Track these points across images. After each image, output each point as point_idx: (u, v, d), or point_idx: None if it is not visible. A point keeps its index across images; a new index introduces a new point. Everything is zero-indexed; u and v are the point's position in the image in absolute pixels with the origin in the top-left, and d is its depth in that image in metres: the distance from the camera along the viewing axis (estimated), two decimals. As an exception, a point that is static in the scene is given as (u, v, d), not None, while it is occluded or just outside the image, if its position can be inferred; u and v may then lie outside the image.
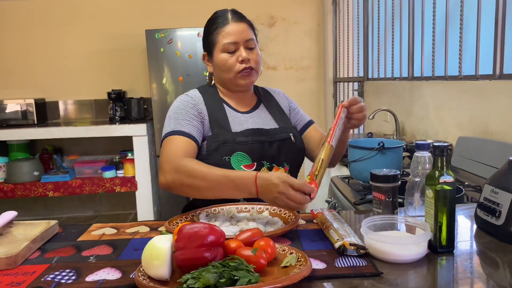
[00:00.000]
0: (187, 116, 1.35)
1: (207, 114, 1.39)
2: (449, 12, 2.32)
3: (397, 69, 3.02)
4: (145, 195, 3.90)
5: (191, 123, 1.34)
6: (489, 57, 1.96)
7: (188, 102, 1.40)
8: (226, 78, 1.41)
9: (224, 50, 1.37)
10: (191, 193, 1.25)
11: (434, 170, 0.96)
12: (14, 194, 3.76)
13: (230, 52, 1.37)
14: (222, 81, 1.45)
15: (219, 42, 1.38)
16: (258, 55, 1.42)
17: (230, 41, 1.36)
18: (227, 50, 1.37)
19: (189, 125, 1.33)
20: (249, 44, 1.38)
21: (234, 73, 1.38)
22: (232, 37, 1.36)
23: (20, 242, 1.06)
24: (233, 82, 1.41)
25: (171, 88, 3.84)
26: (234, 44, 1.36)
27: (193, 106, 1.39)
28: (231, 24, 1.37)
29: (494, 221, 1.03)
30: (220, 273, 0.79)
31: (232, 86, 1.43)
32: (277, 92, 1.61)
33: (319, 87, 4.58)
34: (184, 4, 4.20)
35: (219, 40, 1.37)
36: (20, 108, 3.92)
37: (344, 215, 1.29)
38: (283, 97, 1.60)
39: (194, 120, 1.36)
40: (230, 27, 1.37)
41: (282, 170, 1.40)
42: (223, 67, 1.39)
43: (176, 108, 1.39)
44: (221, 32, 1.37)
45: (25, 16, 4.19)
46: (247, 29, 1.40)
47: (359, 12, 3.78)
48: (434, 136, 2.40)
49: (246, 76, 1.39)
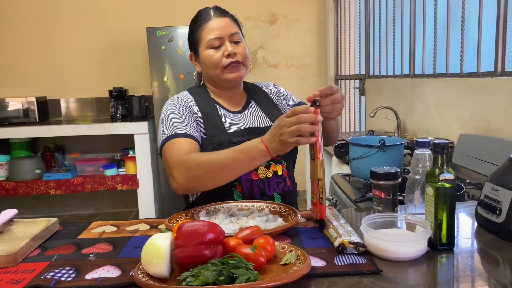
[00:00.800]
0: (181, 117, 1.32)
1: (200, 115, 1.36)
2: (450, 9, 2.31)
3: (398, 66, 3.01)
4: (146, 193, 3.91)
5: (187, 123, 1.31)
6: (491, 54, 1.96)
7: (180, 104, 1.36)
8: (214, 74, 1.38)
9: (209, 46, 1.34)
10: (209, 183, 1.20)
11: (434, 168, 0.96)
12: (16, 192, 3.77)
13: (215, 48, 1.34)
14: (210, 78, 1.42)
15: (203, 39, 1.35)
16: (245, 48, 1.38)
17: (214, 37, 1.33)
18: (212, 45, 1.34)
19: (186, 125, 1.31)
20: (234, 38, 1.36)
21: (220, 69, 1.35)
22: (216, 32, 1.34)
23: (20, 240, 1.06)
24: (221, 78, 1.37)
25: (173, 86, 3.84)
26: (218, 39, 1.34)
27: (185, 107, 1.36)
28: (214, 20, 1.35)
29: (494, 219, 1.03)
30: (219, 271, 0.79)
31: (221, 82, 1.40)
32: (266, 84, 1.58)
33: (320, 84, 4.57)
34: (185, 1, 4.19)
35: (203, 36, 1.35)
36: (22, 106, 3.93)
37: (345, 213, 1.29)
38: (271, 88, 1.57)
39: (189, 120, 1.33)
40: (213, 23, 1.35)
41: (279, 167, 1.39)
42: (209, 63, 1.36)
43: (169, 111, 1.35)
44: (205, 29, 1.35)
45: (26, 14, 4.20)
46: (231, 23, 1.37)
47: (360, 9, 3.77)
48: (435, 133, 2.39)
49: (234, 69, 1.36)
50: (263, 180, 1.36)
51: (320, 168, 1.08)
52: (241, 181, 1.33)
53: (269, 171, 1.37)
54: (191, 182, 1.19)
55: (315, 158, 1.09)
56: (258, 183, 1.35)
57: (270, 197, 1.36)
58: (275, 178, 1.38)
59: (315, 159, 1.09)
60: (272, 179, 1.37)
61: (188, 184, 1.19)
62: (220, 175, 1.18)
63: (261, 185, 1.35)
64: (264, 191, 1.35)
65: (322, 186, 1.08)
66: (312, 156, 1.10)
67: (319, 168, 1.08)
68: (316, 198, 1.09)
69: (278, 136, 1.07)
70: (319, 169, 1.08)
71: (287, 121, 1.06)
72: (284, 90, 1.59)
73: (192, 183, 1.19)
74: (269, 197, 1.36)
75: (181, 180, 1.19)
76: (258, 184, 1.35)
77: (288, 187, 1.42)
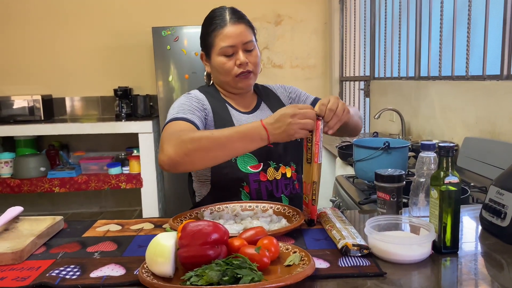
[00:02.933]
0: (191, 107, 1.31)
1: (211, 113, 1.37)
2: (456, 12, 2.31)
3: (403, 68, 3.00)
4: (150, 192, 3.92)
5: (194, 113, 1.29)
6: (497, 57, 1.95)
7: (193, 98, 1.37)
8: (224, 81, 1.39)
9: (221, 53, 1.33)
10: (199, 160, 1.12)
11: (439, 171, 0.96)
12: (21, 189, 3.79)
13: (228, 56, 1.33)
14: (220, 83, 1.43)
15: (216, 45, 1.34)
16: (257, 57, 1.38)
17: (228, 45, 1.32)
18: (225, 53, 1.33)
19: (193, 115, 1.29)
20: (247, 46, 1.34)
21: (232, 77, 1.36)
22: (230, 40, 1.32)
23: (25, 237, 1.07)
24: (231, 85, 1.39)
25: (177, 86, 3.85)
26: (232, 48, 1.32)
27: (198, 101, 1.36)
28: (229, 26, 1.32)
29: (499, 223, 1.02)
30: (224, 271, 0.79)
31: (230, 88, 1.41)
32: (276, 87, 1.57)
33: (325, 85, 4.57)
34: (191, 1, 4.21)
35: (217, 43, 1.34)
36: (27, 104, 3.94)
37: (349, 215, 1.29)
38: (281, 90, 1.56)
39: (198, 111, 1.32)
40: (228, 30, 1.32)
41: (289, 169, 1.39)
42: (221, 70, 1.36)
43: (181, 101, 1.35)
44: (219, 35, 1.33)
45: (32, 13, 4.22)
46: (246, 30, 1.35)
47: (366, 11, 3.76)
48: (440, 136, 2.39)
49: (244, 79, 1.36)
50: (271, 182, 1.36)
51: (316, 171, 1.10)
52: (249, 182, 1.33)
53: (277, 173, 1.37)
54: (180, 155, 1.10)
55: (312, 161, 1.11)
56: (266, 184, 1.35)
57: (277, 199, 1.36)
58: (284, 180, 1.38)
59: (311, 162, 1.11)
60: (281, 181, 1.37)
61: (177, 157, 1.10)
62: (212, 152, 1.10)
63: (269, 186, 1.35)
64: (272, 192, 1.35)
65: (316, 189, 1.11)
66: (308, 159, 1.12)
67: (315, 171, 1.10)
68: (308, 199, 1.14)
69: (285, 125, 1.06)
70: (315, 172, 1.10)
71: (301, 112, 1.05)
72: (296, 90, 1.57)
73: (181, 156, 1.10)
74: (277, 199, 1.36)
75: (170, 152, 1.11)
76: (266, 185, 1.35)
77: (296, 190, 1.42)
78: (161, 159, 1.13)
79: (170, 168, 1.13)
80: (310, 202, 1.12)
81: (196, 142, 1.10)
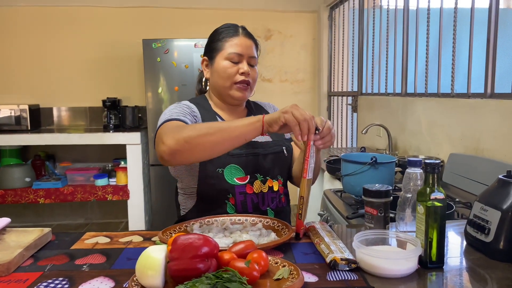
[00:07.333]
0: (183, 112, 1.34)
1: (201, 121, 1.39)
2: (442, 31, 2.37)
3: (390, 85, 3.06)
4: (137, 204, 3.89)
5: (186, 117, 1.33)
6: (481, 76, 2.00)
7: (184, 105, 1.40)
8: (222, 86, 1.41)
9: (228, 58, 1.39)
10: (199, 146, 1.14)
11: (426, 187, 0.98)
12: (5, 200, 3.73)
13: (233, 62, 1.39)
14: (217, 89, 1.44)
15: (225, 49, 1.39)
16: (256, 74, 1.45)
17: (237, 52, 1.38)
18: (231, 59, 1.38)
19: (185, 117, 1.32)
20: (251, 61, 1.41)
21: (231, 83, 1.39)
22: (240, 48, 1.39)
23: (13, 249, 1.06)
24: (228, 92, 1.41)
25: (166, 97, 3.85)
26: (239, 56, 1.38)
27: (189, 108, 1.39)
28: (241, 37, 1.41)
29: (483, 238, 1.05)
30: (214, 284, 0.79)
31: (226, 96, 1.43)
32: (268, 105, 1.61)
33: (313, 100, 4.62)
34: (182, 15, 4.24)
35: (226, 47, 1.39)
36: (14, 114, 3.91)
37: (336, 229, 1.30)
38: (272, 110, 1.60)
39: (189, 116, 1.35)
40: (239, 39, 1.40)
41: (276, 183, 1.41)
42: (223, 73, 1.39)
43: (172, 108, 1.38)
44: (230, 41, 1.40)
45: (21, 23, 4.20)
46: (253, 47, 1.43)
47: (354, 28, 3.83)
48: (426, 151, 2.43)
49: (242, 89, 1.40)
50: (257, 195, 1.37)
51: (305, 186, 1.13)
52: (235, 194, 1.34)
53: (264, 186, 1.38)
54: (181, 142, 1.13)
55: (301, 177, 1.15)
56: (252, 197, 1.36)
57: (263, 212, 1.37)
58: (271, 194, 1.39)
59: (300, 179, 1.15)
60: (267, 194, 1.38)
61: (177, 145, 1.13)
62: (211, 136, 1.13)
63: (255, 199, 1.36)
64: (257, 205, 1.36)
65: (302, 204, 1.14)
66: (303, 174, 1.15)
67: (304, 187, 1.13)
68: (296, 213, 1.16)
69: (281, 112, 1.10)
70: (304, 187, 1.13)
71: (302, 111, 1.09)
72: None
73: (181, 144, 1.13)
74: (263, 212, 1.37)
75: (170, 141, 1.14)
76: (252, 198, 1.36)
77: (282, 203, 1.43)
78: (161, 150, 1.17)
79: (170, 158, 1.16)
80: (297, 216, 1.15)
81: (196, 129, 1.16)
